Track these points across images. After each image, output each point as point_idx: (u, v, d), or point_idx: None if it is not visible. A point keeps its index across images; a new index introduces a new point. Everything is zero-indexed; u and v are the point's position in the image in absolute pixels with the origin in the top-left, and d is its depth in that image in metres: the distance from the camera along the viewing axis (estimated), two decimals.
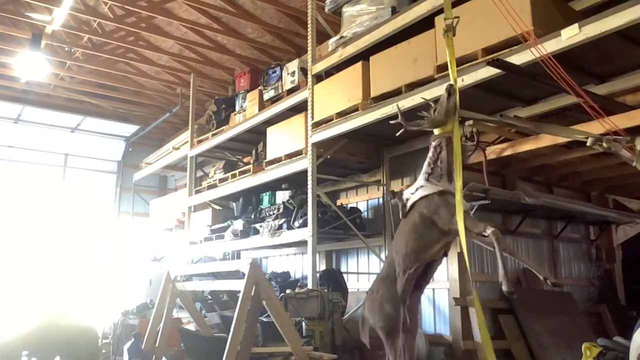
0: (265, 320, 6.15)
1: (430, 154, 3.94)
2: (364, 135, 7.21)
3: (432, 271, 4.17)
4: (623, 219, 8.36)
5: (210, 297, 9.28)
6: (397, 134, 3.96)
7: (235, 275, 8.86)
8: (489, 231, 3.53)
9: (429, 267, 4.09)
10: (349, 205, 8.53)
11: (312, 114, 7.17)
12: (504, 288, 3.48)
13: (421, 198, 3.87)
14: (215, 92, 12.19)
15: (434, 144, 3.91)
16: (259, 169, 8.67)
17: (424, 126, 3.88)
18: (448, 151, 3.83)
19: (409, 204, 3.98)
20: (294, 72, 8.11)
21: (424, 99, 3.99)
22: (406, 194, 4.07)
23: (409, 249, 3.87)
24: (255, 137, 9.36)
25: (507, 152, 6.25)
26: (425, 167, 3.98)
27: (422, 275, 4.07)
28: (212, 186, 10.12)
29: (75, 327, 7.02)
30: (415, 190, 3.96)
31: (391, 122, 4.11)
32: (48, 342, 6.10)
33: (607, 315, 7.97)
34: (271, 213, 8.45)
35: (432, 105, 3.93)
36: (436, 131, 3.89)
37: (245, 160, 10.34)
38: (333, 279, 7.56)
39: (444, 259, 6.70)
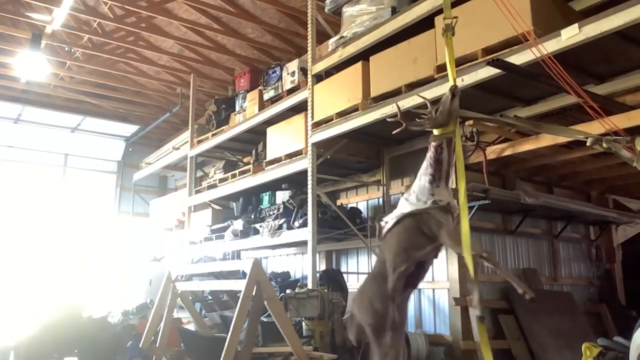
0: (265, 320, 6.15)
1: (430, 155, 3.90)
2: (364, 135, 7.21)
3: (424, 271, 4.17)
4: (623, 219, 8.37)
5: (210, 297, 9.28)
6: (394, 132, 3.95)
7: (235, 275, 8.87)
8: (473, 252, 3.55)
9: (421, 268, 4.10)
10: (349, 205, 8.53)
11: (312, 114, 7.17)
12: (477, 313, 3.50)
13: (404, 217, 3.92)
14: (215, 92, 12.18)
15: (434, 144, 3.87)
16: (259, 169, 8.67)
17: (426, 126, 3.86)
18: (449, 152, 3.80)
19: (385, 230, 4.07)
20: (294, 72, 8.11)
21: (423, 97, 3.97)
22: (386, 219, 4.14)
23: (401, 248, 3.90)
24: (255, 137, 9.36)
25: (507, 152, 6.26)
26: (424, 168, 3.94)
27: (414, 275, 4.07)
28: (212, 186, 10.11)
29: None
30: (395, 217, 4.02)
31: (389, 119, 4.11)
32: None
33: (607, 315, 7.98)
34: (271, 213, 8.45)
35: (431, 105, 3.89)
36: (436, 131, 3.86)
37: (245, 160, 10.34)
38: (333, 279, 7.55)
39: (444, 260, 6.80)
